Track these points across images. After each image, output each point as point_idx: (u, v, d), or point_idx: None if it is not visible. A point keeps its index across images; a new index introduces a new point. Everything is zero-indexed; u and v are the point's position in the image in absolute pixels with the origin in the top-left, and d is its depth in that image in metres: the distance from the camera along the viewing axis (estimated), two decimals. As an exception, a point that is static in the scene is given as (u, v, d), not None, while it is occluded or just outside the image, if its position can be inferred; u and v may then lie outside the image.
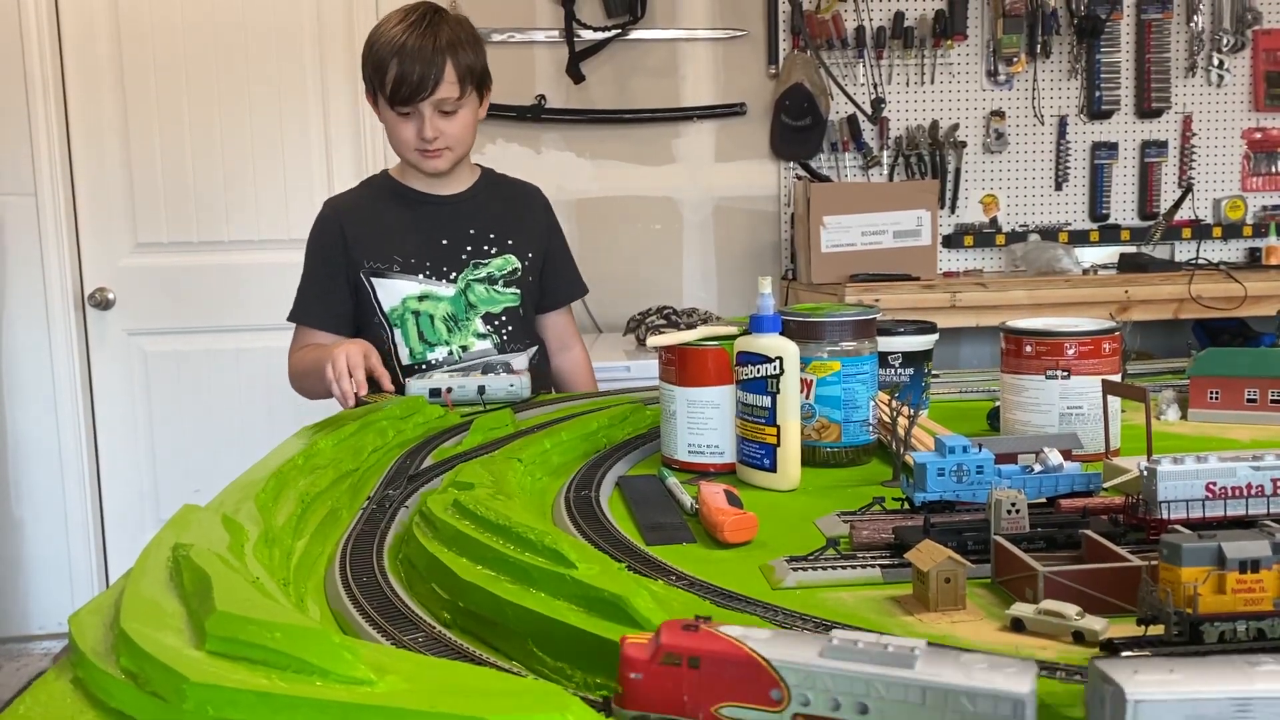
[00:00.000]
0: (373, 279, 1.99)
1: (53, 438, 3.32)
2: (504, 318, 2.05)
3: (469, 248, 2.03)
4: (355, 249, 2.00)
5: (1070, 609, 0.76)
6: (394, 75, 1.88)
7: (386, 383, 1.79)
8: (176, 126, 3.30)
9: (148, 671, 0.63)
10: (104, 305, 3.33)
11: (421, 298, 2.00)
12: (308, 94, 3.33)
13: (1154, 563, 0.74)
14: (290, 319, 2.05)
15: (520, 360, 2.06)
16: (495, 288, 2.03)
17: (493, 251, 2.04)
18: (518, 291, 2.06)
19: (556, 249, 2.16)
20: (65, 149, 3.27)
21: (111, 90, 3.27)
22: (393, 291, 1.99)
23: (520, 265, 2.06)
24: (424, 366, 1.99)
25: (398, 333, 2.00)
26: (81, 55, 3.25)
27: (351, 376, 1.74)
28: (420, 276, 2.00)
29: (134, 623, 0.68)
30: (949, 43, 3.42)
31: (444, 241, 2.02)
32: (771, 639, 0.56)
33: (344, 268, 2.00)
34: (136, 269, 3.34)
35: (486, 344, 2.03)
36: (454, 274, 2.01)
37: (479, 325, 2.03)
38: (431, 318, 2.00)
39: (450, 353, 2.01)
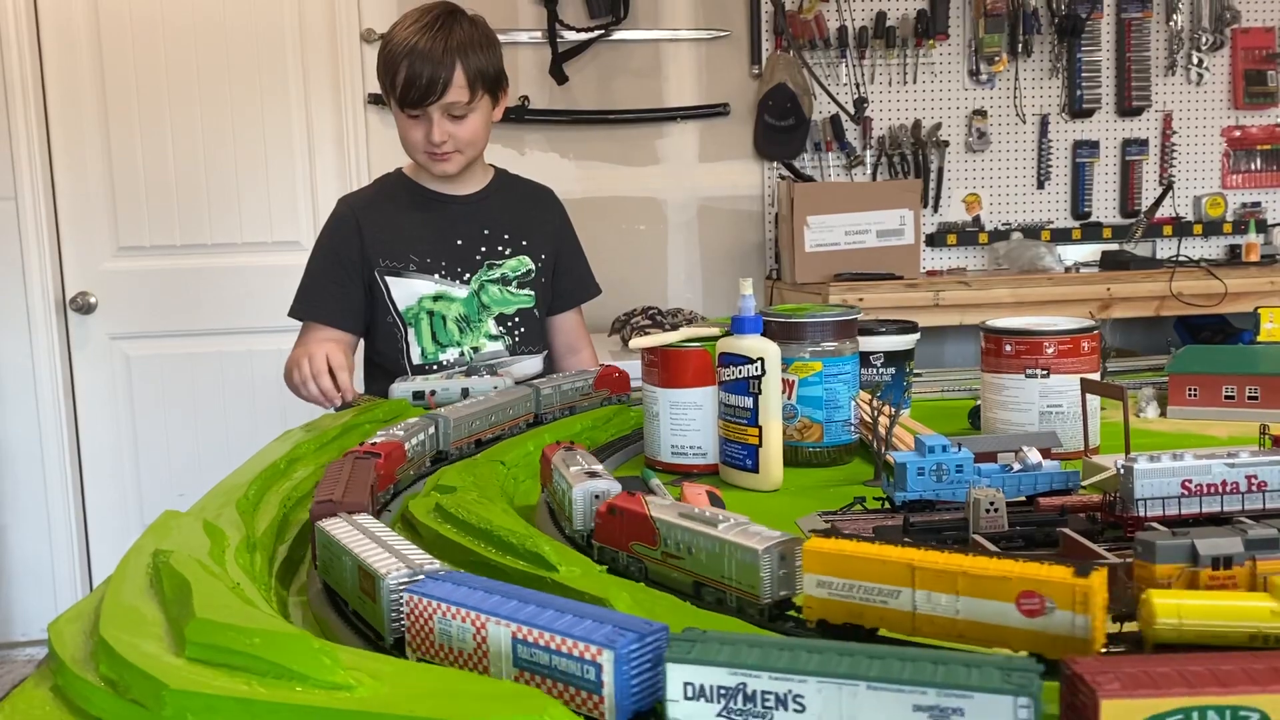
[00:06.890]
0: (387, 278, 1.98)
1: (35, 443, 3.30)
2: (517, 319, 2.03)
3: (483, 248, 2.02)
4: (371, 247, 1.98)
5: (1048, 607, 0.77)
6: (404, 78, 1.86)
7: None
8: (158, 129, 3.28)
9: (127, 679, 0.62)
10: (86, 309, 3.31)
11: (436, 298, 1.98)
12: (290, 96, 3.32)
13: (1130, 560, 0.75)
14: (295, 315, 2.00)
15: (533, 363, 2.05)
16: (509, 289, 2.02)
17: (506, 252, 2.03)
18: (531, 293, 2.04)
19: (568, 249, 2.14)
20: (45, 152, 3.24)
21: (92, 92, 3.25)
22: (408, 291, 1.98)
23: (534, 267, 2.05)
24: (435, 367, 1.98)
25: (411, 332, 1.98)
26: (61, 57, 3.23)
27: (334, 376, 1.74)
28: (435, 276, 1.98)
29: (113, 630, 0.68)
30: (931, 42, 3.43)
31: (458, 241, 2.01)
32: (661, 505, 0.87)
33: (359, 265, 1.98)
34: (118, 272, 3.32)
35: (498, 345, 2.02)
36: (468, 274, 2.00)
37: (491, 326, 2.01)
38: (444, 318, 1.98)
39: (462, 353, 1.99)
